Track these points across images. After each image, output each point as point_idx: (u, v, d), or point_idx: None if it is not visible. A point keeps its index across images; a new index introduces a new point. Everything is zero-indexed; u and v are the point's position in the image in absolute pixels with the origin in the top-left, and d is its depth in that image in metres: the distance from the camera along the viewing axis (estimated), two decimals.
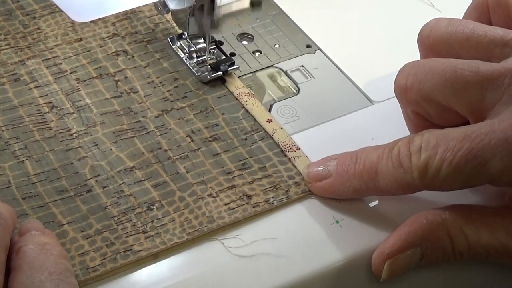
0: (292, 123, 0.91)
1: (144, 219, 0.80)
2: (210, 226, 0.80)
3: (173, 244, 0.79)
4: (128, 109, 0.90)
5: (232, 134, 0.89)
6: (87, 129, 0.88)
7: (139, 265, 0.78)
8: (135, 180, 0.84)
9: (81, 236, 0.79)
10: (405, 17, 1.04)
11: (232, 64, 0.94)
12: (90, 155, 0.85)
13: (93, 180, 0.83)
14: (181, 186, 0.83)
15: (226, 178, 0.84)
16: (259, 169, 0.86)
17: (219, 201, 0.82)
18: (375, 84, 0.95)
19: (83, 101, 0.91)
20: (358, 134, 0.90)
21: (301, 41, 1.00)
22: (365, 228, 0.82)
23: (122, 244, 0.78)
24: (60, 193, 0.82)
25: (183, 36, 0.97)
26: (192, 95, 0.92)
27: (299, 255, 0.79)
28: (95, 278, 0.76)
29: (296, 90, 0.95)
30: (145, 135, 0.88)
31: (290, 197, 0.83)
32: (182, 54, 0.96)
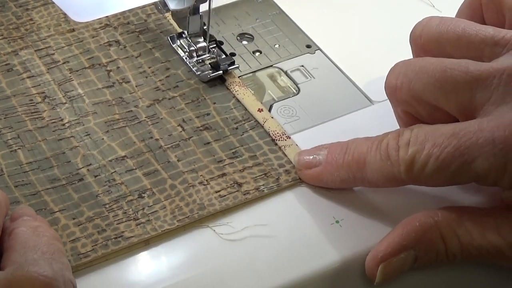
0: (292, 123, 0.91)
1: (135, 207, 0.81)
2: (201, 213, 0.81)
3: (164, 230, 0.80)
4: (120, 99, 0.91)
5: (223, 123, 0.89)
6: (79, 119, 0.89)
7: (130, 252, 0.78)
8: (127, 168, 0.85)
9: (72, 223, 0.80)
10: (405, 17, 1.04)
11: (232, 63, 0.94)
12: (82, 144, 0.86)
13: (85, 169, 0.84)
14: (172, 174, 0.84)
15: (217, 167, 0.85)
16: (250, 157, 0.87)
17: (210, 188, 0.83)
18: (375, 84, 0.95)
19: (75, 91, 0.92)
20: (358, 134, 0.90)
21: (301, 41, 1.00)
22: (365, 228, 0.82)
23: (113, 230, 0.79)
24: (52, 181, 0.83)
25: (183, 35, 0.97)
26: (183, 84, 0.93)
27: (298, 255, 0.79)
28: (86, 264, 0.77)
29: (296, 90, 0.95)
30: (137, 125, 0.89)
31: (280, 185, 0.84)
32: (182, 53, 0.96)
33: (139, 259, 0.78)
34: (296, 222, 0.82)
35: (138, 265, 0.77)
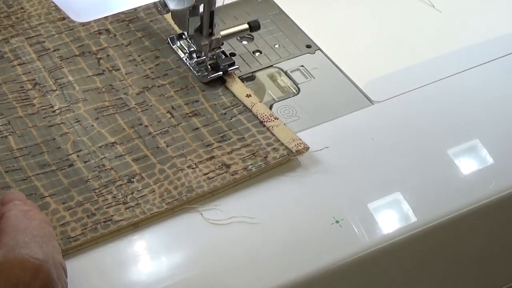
0: (292, 123, 0.91)
1: (125, 191, 0.82)
2: (189, 195, 0.82)
3: (153, 213, 0.80)
4: (110, 86, 0.92)
5: (212, 109, 0.90)
6: (70, 105, 0.89)
7: (119, 235, 0.79)
8: (116, 154, 0.85)
9: (62, 207, 0.80)
10: (405, 17, 1.04)
11: (232, 64, 0.94)
12: (72, 131, 0.87)
13: (74, 155, 0.85)
14: (161, 160, 0.85)
15: (205, 150, 0.86)
16: (238, 140, 0.87)
17: (198, 171, 0.84)
18: (375, 84, 0.95)
19: (65, 79, 0.92)
20: (358, 134, 0.90)
21: (301, 41, 1.00)
22: (365, 228, 0.82)
23: (103, 214, 0.80)
24: (42, 167, 0.84)
25: (183, 36, 0.97)
26: (173, 72, 0.94)
27: (299, 255, 0.79)
28: (76, 247, 0.78)
29: (296, 90, 0.95)
30: (126, 112, 0.89)
31: (268, 162, 0.85)
32: (182, 54, 0.96)
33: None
34: (291, 218, 0.82)
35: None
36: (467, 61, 0.98)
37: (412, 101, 0.93)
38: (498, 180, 0.87)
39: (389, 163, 0.87)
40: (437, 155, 0.89)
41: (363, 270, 0.81)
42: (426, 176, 0.86)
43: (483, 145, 0.90)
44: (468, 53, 0.99)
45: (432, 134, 0.90)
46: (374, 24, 1.03)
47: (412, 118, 0.92)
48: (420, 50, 0.99)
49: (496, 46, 1.00)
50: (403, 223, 0.83)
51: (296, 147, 0.86)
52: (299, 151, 0.86)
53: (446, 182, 0.86)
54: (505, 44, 1.00)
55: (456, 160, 0.88)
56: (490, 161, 0.89)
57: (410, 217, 0.83)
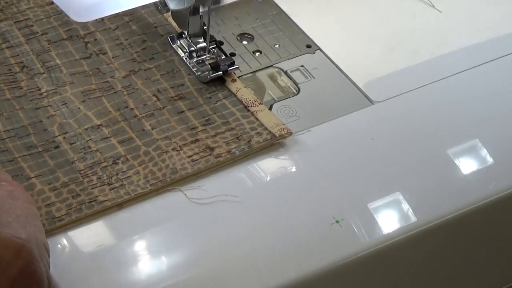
0: (292, 123, 0.91)
1: (110, 172, 0.83)
2: (173, 177, 0.83)
3: (137, 194, 0.81)
4: (96, 70, 0.93)
5: (197, 93, 0.91)
6: (57, 88, 0.91)
7: (103, 215, 0.80)
8: (102, 136, 0.86)
9: (48, 188, 0.81)
10: (405, 17, 1.04)
11: (232, 63, 0.94)
12: (58, 113, 0.88)
13: (61, 137, 0.86)
14: (146, 142, 0.86)
15: (189, 133, 0.87)
16: (222, 123, 0.88)
17: (182, 154, 0.85)
18: (375, 84, 0.95)
19: (53, 62, 0.93)
20: (358, 134, 0.90)
21: (301, 41, 1.00)
22: (365, 228, 0.82)
23: (88, 195, 0.81)
24: (28, 148, 0.85)
25: (183, 35, 0.97)
26: (159, 56, 0.95)
27: (299, 255, 0.79)
28: (61, 227, 0.79)
29: (296, 90, 0.95)
30: (113, 95, 0.90)
31: (251, 146, 0.86)
32: (182, 53, 0.96)
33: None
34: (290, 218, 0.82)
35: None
36: (467, 61, 0.98)
37: (412, 101, 0.93)
38: (498, 180, 0.87)
39: (389, 163, 0.87)
40: (437, 155, 0.88)
41: (363, 270, 0.81)
42: (426, 176, 0.86)
43: (483, 145, 0.90)
44: (468, 53, 0.99)
45: (432, 134, 0.90)
46: (374, 24, 1.03)
47: (412, 118, 0.92)
48: (420, 50, 0.99)
49: (496, 46, 1.00)
50: (403, 223, 0.83)
51: (279, 131, 0.87)
52: (282, 136, 0.87)
53: (446, 182, 0.86)
54: (505, 44, 1.00)
55: (456, 160, 0.88)
56: (490, 161, 0.89)
57: (410, 217, 0.83)
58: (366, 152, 0.88)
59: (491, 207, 0.86)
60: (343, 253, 0.80)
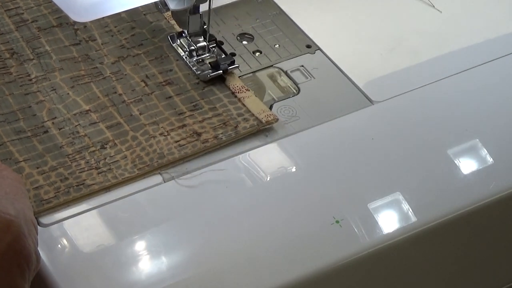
0: (292, 123, 0.91)
1: (98, 157, 0.84)
2: (160, 161, 0.84)
3: (124, 178, 0.83)
4: (86, 56, 0.94)
5: (185, 79, 0.92)
6: (46, 74, 0.92)
7: (90, 198, 0.81)
8: (90, 122, 0.88)
9: (36, 172, 0.83)
10: (405, 17, 1.04)
11: (232, 62, 0.94)
12: (47, 99, 0.89)
13: (49, 122, 0.87)
14: (134, 127, 0.87)
15: (177, 119, 0.88)
16: (210, 109, 0.89)
17: (170, 139, 0.86)
18: (375, 84, 0.95)
19: (42, 48, 0.94)
20: (358, 134, 0.90)
21: (301, 41, 1.00)
22: (365, 228, 0.82)
23: (76, 179, 0.82)
24: (17, 133, 0.86)
25: (183, 35, 0.97)
26: (148, 42, 0.96)
27: (299, 255, 0.79)
28: (48, 209, 0.80)
29: (296, 90, 0.95)
30: (101, 80, 0.92)
31: (238, 131, 0.87)
32: (182, 52, 0.96)
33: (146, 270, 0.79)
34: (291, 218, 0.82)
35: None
36: (467, 61, 0.98)
37: (412, 101, 0.93)
38: (498, 180, 0.87)
39: (389, 163, 0.87)
40: (437, 155, 0.88)
41: (363, 270, 0.81)
42: (426, 176, 0.86)
43: (483, 145, 0.90)
44: (468, 53, 0.99)
45: (432, 134, 0.90)
46: (374, 24, 1.03)
47: (412, 118, 0.92)
48: (420, 50, 0.99)
49: (496, 46, 1.00)
50: (403, 223, 0.83)
51: (266, 118, 0.88)
52: (269, 122, 0.88)
53: (446, 182, 0.86)
54: (505, 44, 1.00)
55: (456, 160, 0.88)
56: (490, 161, 0.89)
57: (410, 217, 0.83)
58: (366, 152, 0.88)
59: (491, 207, 0.86)
60: (343, 253, 0.80)
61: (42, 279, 0.77)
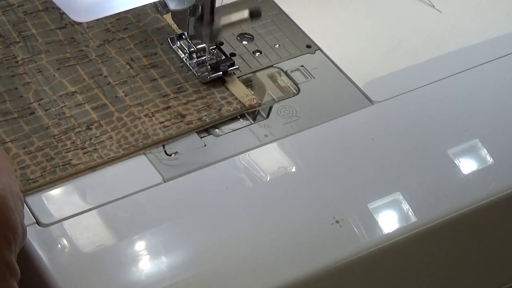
0: (292, 123, 0.91)
1: (83, 137, 0.86)
2: (145, 142, 0.86)
3: (110, 158, 0.84)
4: (71, 39, 0.95)
5: (170, 62, 0.94)
6: (32, 56, 0.93)
7: (76, 177, 0.83)
8: (76, 103, 0.89)
9: (23, 152, 0.84)
10: (405, 17, 1.04)
11: (232, 64, 0.94)
12: (34, 80, 0.91)
13: (36, 104, 0.89)
14: (119, 108, 0.89)
15: (161, 100, 0.90)
16: (194, 92, 0.91)
17: (154, 120, 0.88)
18: (375, 84, 0.95)
19: (29, 31, 0.95)
20: (358, 134, 0.90)
21: (301, 41, 1.00)
22: (365, 228, 0.82)
23: (62, 159, 0.84)
24: (4, 115, 0.87)
25: (183, 36, 0.97)
26: (133, 26, 0.97)
27: (299, 255, 0.79)
28: (35, 188, 0.81)
29: (296, 90, 0.95)
30: (87, 63, 0.93)
31: (222, 114, 0.89)
32: (182, 54, 0.96)
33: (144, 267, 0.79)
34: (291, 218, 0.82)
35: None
36: (467, 61, 0.98)
37: (412, 101, 0.93)
38: (498, 180, 0.87)
39: (389, 163, 0.87)
40: (437, 155, 0.89)
41: (363, 270, 0.81)
42: (426, 176, 0.86)
43: (483, 145, 0.90)
44: (468, 53, 0.99)
45: (432, 134, 0.90)
46: (374, 24, 1.03)
47: (412, 118, 0.92)
48: (420, 50, 0.99)
49: (496, 46, 1.00)
50: (403, 223, 0.83)
51: (249, 101, 0.90)
52: (252, 106, 0.90)
53: (446, 182, 0.86)
54: (505, 44, 1.00)
55: (456, 160, 0.88)
56: (490, 161, 0.89)
57: (410, 217, 0.83)
58: (366, 152, 0.88)
59: (491, 207, 0.86)
60: (343, 253, 0.80)
61: (42, 279, 0.77)
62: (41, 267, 0.77)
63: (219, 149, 0.87)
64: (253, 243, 0.80)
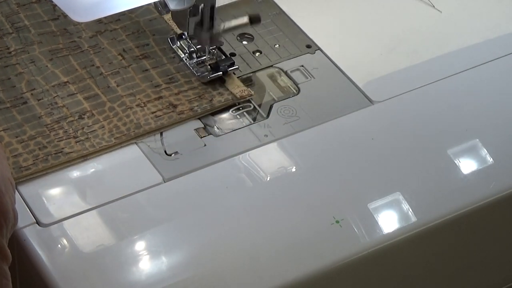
0: (292, 123, 0.91)
1: (76, 127, 0.87)
2: (137, 131, 0.87)
3: (102, 147, 0.85)
4: (64, 30, 0.96)
5: (162, 52, 0.95)
6: (25, 47, 0.94)
7: (69, 166, 0.84)
8: (68, 93, 0.90)
9: (15, 141, 0.85)
10: (405, 17, 1.04)
11: (232, 64, 0.94)
12: (26, 71, 0.92)
13: (29, 93, 0.90)
14: (111, 98, 0.90)
15: (153, 91, 0.91)
16: (185, 82, 0.92)
17: (146, 110, 0.89)
18: (375, 84, 0.95)
19: (22, 23, 0.96)
20: (358, 134, 0.90)
21: (301, 41, 1.00)
22: (365, 228, 0.82)
23: (54, 147, 0.85)
24: None
25: (183, 36, 0.97)
26: (125, 18, 0.98)
27: (299, 255, 0.79)
28: (27, 175, 0.82)
29: (296, 90, 0.95)
30: (79, 54, 0.94)
31: (213, 105, 0.90)
32: (182, 54, 0.96)
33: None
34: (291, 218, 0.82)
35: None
36: (468, 61, 0.98)
37: (412, 101, 0.93)
38: (498, 180, 0.87)
39: (389, 163, 0.87)
40: (437, 155, 0.89)
41: (363, 270, 0.81)
42: (426, 176, 0.86)
43: (483, 145, 0.90)
44: (468, 53, 0.99)
45: (432, 134, 0.90)
46: (374, 24, 1.03)
47: (412, 118, 0.92)
48: (420, 50, 0.99)
49: (496, 46, 1.00)
50: (403, 223, 0.83)
51: (240, 93, 0.91)
52: (243, 97, 0.91)
53: (446, 182, 0.86)
54: (505, 44, 1.00)
55: (456, 160, 0.88)
56: (490, 161, 0.89)
57: (410, 217, 0.83)
58: (366, 152, 0.88)
59: (491, 207, 0.86)
60: (343, 253, 0.80)
61: (42, 279, 0.77)
62: (41, 267, 0.77)
63: (219, 149, 0.87)
64: (253, 243, 0.80)
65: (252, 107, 0.92)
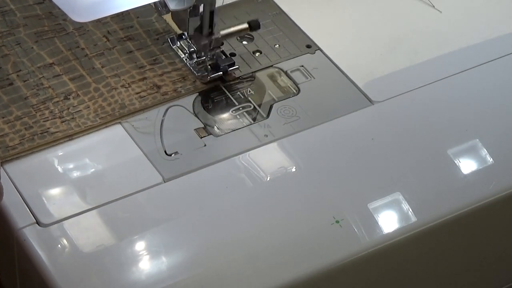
0: (292, 123, 0.91)
1: (61, 107, 0.88)
2: (122, 111, 0.88)
3: (87, 127, 0.87)
4: (49, 14, 0.97)
5: (146, 34, 0.96)
6: (11, 30, 0.95)
7: (55, 145, 0.85)
8: (54, 74, 0.91)
9: (2, 121, 0.86)
10: (405, 17, 1.04)
11: (232, 64, 0.94)
12: (12, 52, 0.93)
13: (14, 75, 0.91)
14: (96, 79, 0.91)
15: (138, 72, 0.92)
16: (169, 64, 0.93)
17: (131, 90, 0.90)
18: (375, 84, 0.95)
19: (7, 7, 0.97)
20: (358, 134, 0.90)
21: (301, 41, 1.00)
22: (365, 228, 0.82)
23: (40, 127, 0.86)
24: None
25: (183, 36, 0.97)
26: None
27: (299, 255, 0.79)
28: (13, 155, 0.84)
29: (296, 90, 0.95)
30: (65, 36, 0.95)
31: (196, 86, 0.91)
32: (182, 54, 0.96)
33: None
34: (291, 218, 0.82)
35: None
36: (467, 61, 0.98)
37: (412, 101, 0.93)
38: (498, 180, 0.87)
39: (389, 163, 0.87)
40: (437, 155, 0.89)
41: (363, 270, 0.81)
42: (426, 176, 0.86)
43: (483, 145, 0.90)
44: (468, 53, 0.99)
45: (432, 134, 0.90)
46: (374, 24, 1.03)
47: (412, 118, 0.92)
48: (420, 50, 0.99)
49: (496, 46, 1.00)
50: (403, 223, 0.83)
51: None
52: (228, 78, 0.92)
53: (446, 182, 0.86)
54: (505, 44, 1.00)
55: (456, 160, 0.88)
56: (490, 161, 0.89)
57: (410, 217, 0.83)
58: (366, 152, 0.88)
59: (491, 207, 0.86)
60: (343, 253, 0.80)
61: (42, 279, 0.77)
62: (41, 267, 0.77)
63: (219, 149, 0.87)
64: (253, 243, 0.80)
65: (252, 107, 0.92)
